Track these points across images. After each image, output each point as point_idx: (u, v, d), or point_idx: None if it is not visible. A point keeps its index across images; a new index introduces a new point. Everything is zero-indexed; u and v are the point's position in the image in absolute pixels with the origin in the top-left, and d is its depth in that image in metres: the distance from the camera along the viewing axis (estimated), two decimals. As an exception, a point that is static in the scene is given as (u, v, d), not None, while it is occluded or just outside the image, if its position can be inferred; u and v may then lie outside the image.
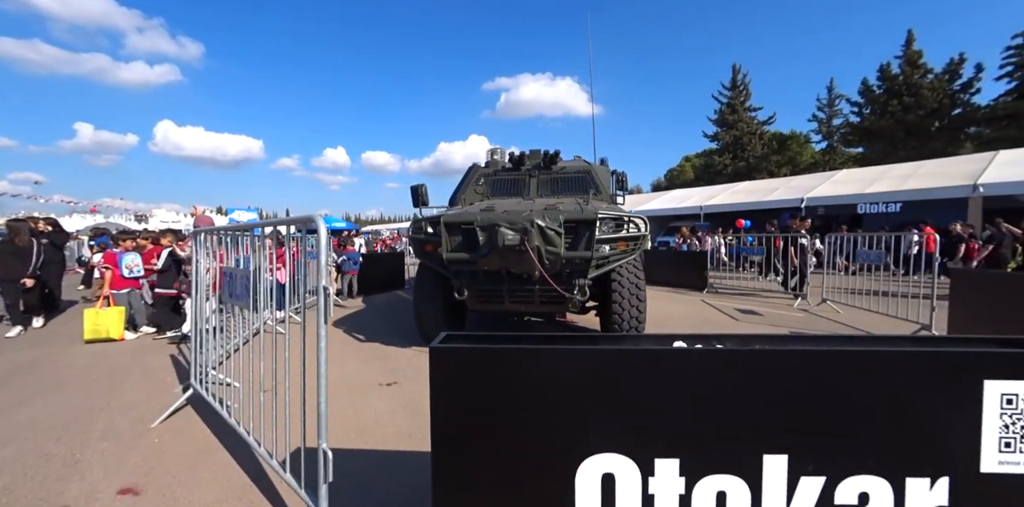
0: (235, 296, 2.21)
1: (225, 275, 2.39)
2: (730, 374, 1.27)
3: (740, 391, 1.26)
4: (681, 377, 1.28)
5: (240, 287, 2.11)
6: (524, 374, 1.33)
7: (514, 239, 3.37)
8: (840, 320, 5.89)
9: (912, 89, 24.53)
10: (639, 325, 4.17)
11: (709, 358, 1.30)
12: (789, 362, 1.27)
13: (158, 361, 4.28)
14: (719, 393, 1.27)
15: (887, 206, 14.94)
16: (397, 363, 4.14)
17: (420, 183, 5.77)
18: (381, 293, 9.27)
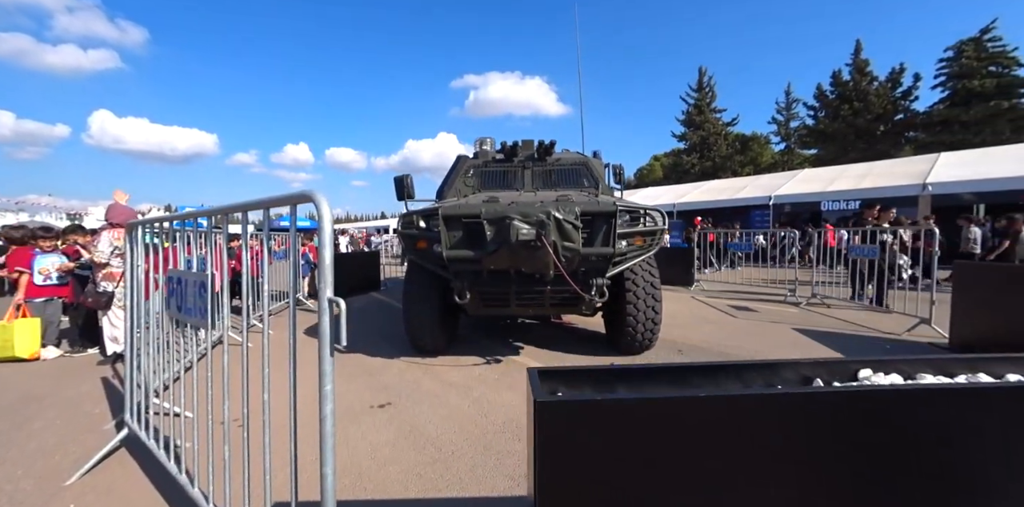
0: (186, 310, 1.63)
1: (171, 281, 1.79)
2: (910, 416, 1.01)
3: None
4: (843, 423, 1.01)
5: (193, 297, 1.54)
6: (654, 426, 0.95)
7: (529, 233, 2.93)
8: (836, 316, 5.89)
9: (861, 95, 26.24)
10: (653, 334, 3.86)
11: (888, 398, 1.00)
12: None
13: (85, 387, 3.49)
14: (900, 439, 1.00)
15: (847, 203, 15.78)
16: (387, 378, 3.59)
17: (404, 174, 5.20)
18: (356, 295, 8.53)
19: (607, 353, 4.22)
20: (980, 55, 23.44)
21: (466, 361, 4.03)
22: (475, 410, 2.91)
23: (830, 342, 4.52)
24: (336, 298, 1.01)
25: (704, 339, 4.74)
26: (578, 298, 3.52)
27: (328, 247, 0.99)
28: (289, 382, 1.41)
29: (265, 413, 1.45)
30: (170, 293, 1.75)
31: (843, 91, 27.03)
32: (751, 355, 4.10)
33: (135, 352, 2.32)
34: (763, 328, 5.25)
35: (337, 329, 1.08)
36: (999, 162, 14.11)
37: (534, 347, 4.51)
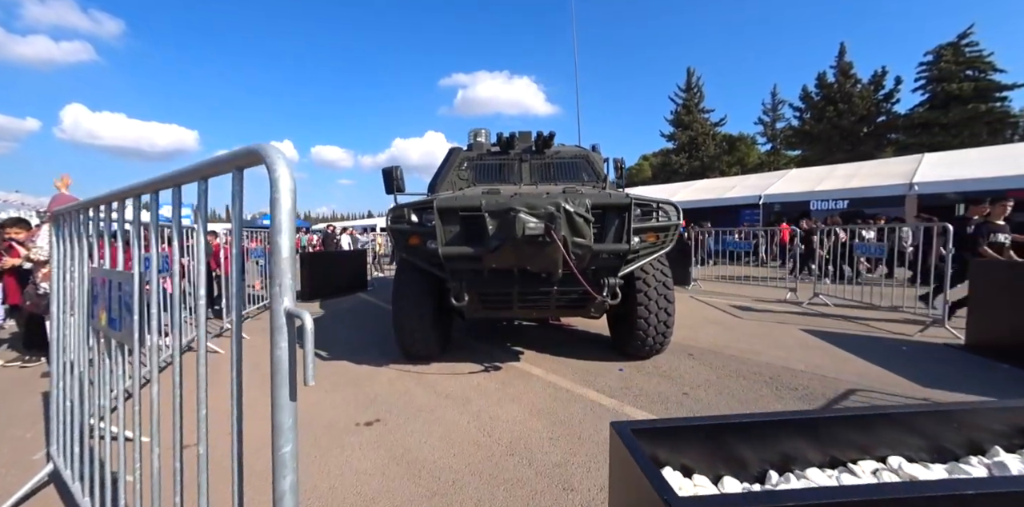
0: (114, 324, 1.25)
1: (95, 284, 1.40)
2: None
3: None
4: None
5: (118, 304, 1.17)
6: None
7: (537, 227, 2.60)
8: (845, 316, 5.73)
9: (845, 97, 26.70)
10: (665, 338, 3.58)
11: None
12: None
13: (25, 405, 3.03)
14: None
15: (836, 203, 15.90)
16: (375, 389, 3.22)
17: (394, 165, 4.83)
18: (341, 296, 8.09)
19: (612, 357, 3.93)
20: (958, 59, 24.06)
21: (462, 369, 3.69)
22: (476, 427, 2.58)
23: (843, 344, 4.32)
24: (299, 311, 0.65)
25: (712, 341, 4.49)
26: (587, 299, 3.22)
27: (286, 233, 0.64)
28: (231, 413, 1.06)
29: (235, 445, 1.08)
30: (94, 299, 1.36)
31: (828, 93, 27.47)
32: (765, 359, 3.86)
33: (63, 367, 1.92)
34: (770, 329, 5.04)
35: (302, 359, 0.70)
36: (979, 163, 14.41)
37: (534, 351, 4.19)
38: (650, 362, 3.81)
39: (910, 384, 3.18)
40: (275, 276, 0.62)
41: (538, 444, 2.36)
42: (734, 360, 3.85)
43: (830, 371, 3.52)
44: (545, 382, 3.33)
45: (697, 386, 3.22)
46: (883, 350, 4.13)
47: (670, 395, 3.05)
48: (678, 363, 3.77)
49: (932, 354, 3.98)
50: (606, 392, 3.11)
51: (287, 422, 0.72)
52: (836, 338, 4.58)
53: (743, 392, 3.09)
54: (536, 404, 2.92)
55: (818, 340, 4.52)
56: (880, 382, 3.23)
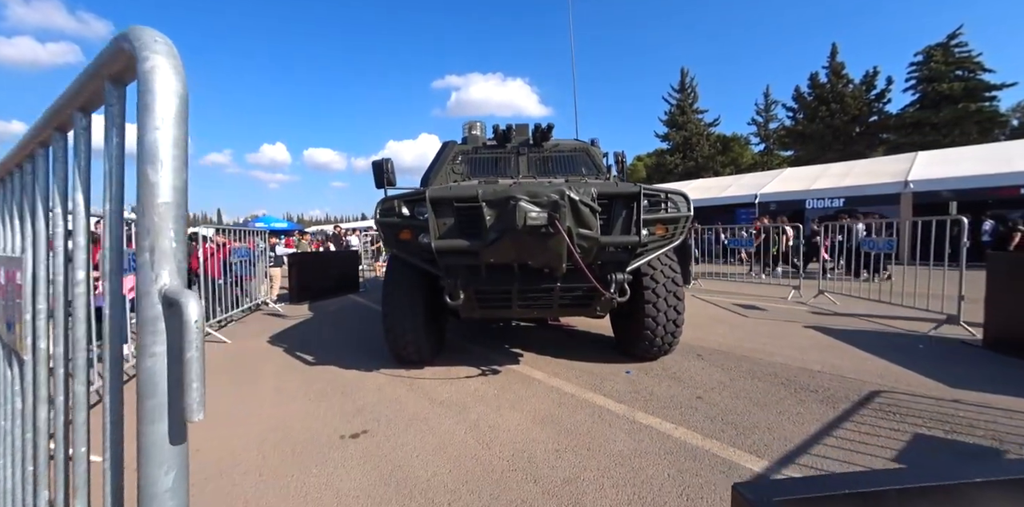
0: (10, 326, 0.98)
1: None
2: None
3: None
4: None
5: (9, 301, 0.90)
6: None
7: (539, 217, 2.37)
8: (853, 314, 5.56)
9: (837, 97, 26.86)
10: (675, 338, 3.36)
11: None
12: None
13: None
14: None
15: (831, 201, 15.87)
16: (364, 397, 2.96)
17: (384, 158, 4.57)
18: (332, 298, 7.79)
19: (617, 358, 3.71)
20: (948, 59, 24.31)
21: (458, 373, 3.44)
22: (474, 438, 2.33)
23: (857, 343, 4.14)
24: (182, 292, 0.36)
25: (721, 341, 4.28)
26: (592, 297, 2.99)
27: (167, 161, 0.39)
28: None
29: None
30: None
31: (820, 93, 27.61)
32: (779, 359, 3.66)
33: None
34: (779, 328, 4.85)
35: (192, 374, 0.37)
36: (972, 161, 14.47)
37: (533, 353, 3.95)
38: (658, 363, 3.59)
39: (936, 384, 2.99)
40: (143, 236, 0.38)
41: (543, 457, 2.12)
42: (746, 361, 3.64)
43: (849, 371, 3.32)
44: (547, 386, 3.10)
45: (711, 389, 3.00)
46: (900, 349, 3.95)
47: (683, 399, 2.82)
48: (687, 364, 3.55)
49: (951, 352, 3.80)
50: (614, 397, 2.88)
51: (164, 484, 0.37)
52: (849, 336, 4.39)
53: (760, 395, 2.87)
54: (539, 411, 2.68)
55: (831, 339, 4.33)
56: (904, 383, 3.03)
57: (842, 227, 7.08)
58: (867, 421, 2.43)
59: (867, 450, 2.11)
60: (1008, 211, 13.75)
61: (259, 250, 6.69)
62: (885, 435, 2.26)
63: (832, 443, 2.19)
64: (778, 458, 2.06)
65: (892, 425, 2.37)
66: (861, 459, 2.03)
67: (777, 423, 2.44)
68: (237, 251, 5.57)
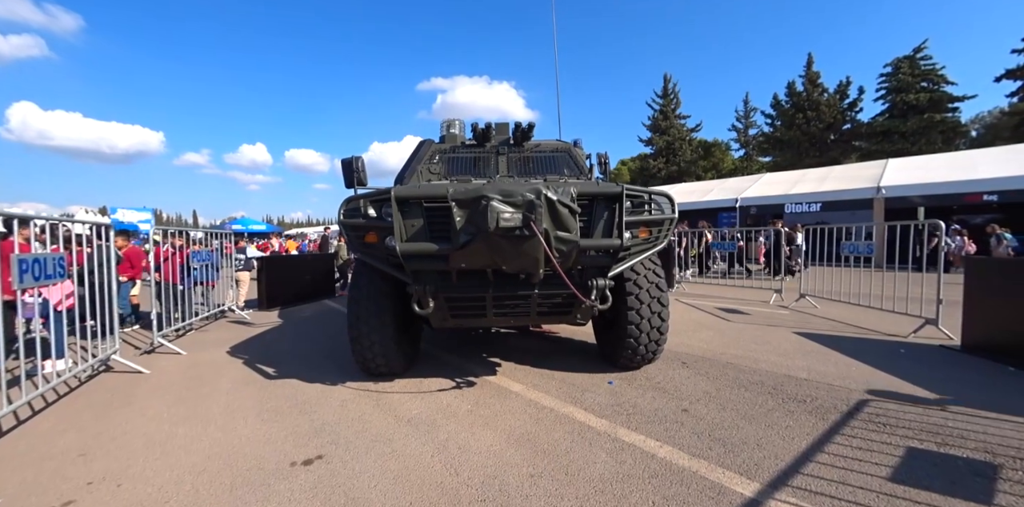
0: None
1: None
2: None
3: None
4: None
5: None
6: None
7: (513, 218, 2.18)
8: (834, 317, 5.54)
9: (813, 105, 27.71)
10: (659, 346, 3.22)
11: None
12: None
13: None
14: None
15: (809, 205, 16.25)
16: (324, 415, 2.69)
17: (354, 155, 4.32)
18: (304, 303, 7.42)
19: (600, 367, 3.54)
20: (914, 71, 25.38)
21: (430, 386, 3.20)
22: (441, 462, 2.11)
23: (840, 347, 4.08)
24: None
25: (706, 348, 4.16)
26: (572, 304, 2.81)
27: None
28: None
29: None
30: None
31: (797, 101, 28.44)
32: (764, 366, 3.55)
33: None
34: (763, 333, 4.77)
35: None
36: (940, 168, 15.02)
37: (513, 363, 3.74)
38: (642, 373, 3.43)
39: (923, 391, 2.91)
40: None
41: (517, 484, 1.91)
42: (732, 368, 3.52)
43: (835, 379, 3.22)
44: (525, 400, 2.89)
45: (696, 400, 2.85)
46: (882, 353, 3.90)
47: (668, 412, 2.66)
48: (672, 373, 3.40)
49: (932, 356, 3.77)
50: (595, 411, 2.70)
51: None
52: (832, 341, 4.34)
53: (747, 406, 2.73)
54: (515, 429, 2.47)
55: (814, 344, 4.27)
56: (891, 390, 2.95)
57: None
58: (858, 434, 2.31)
59: (862, 468, 1.98)
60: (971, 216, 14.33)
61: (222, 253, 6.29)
62: (878, 450, 2.14)
63: (825, 460, 2.05)
64: (770, 479, 1.91)
65: (884, 438, 2.26)
66: (857, 479, 1.89)
67: (766, 438, 2.30)
68: (197, 255, 5.20)
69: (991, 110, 30.05)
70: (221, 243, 6.15)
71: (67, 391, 3.15)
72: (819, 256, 6.42)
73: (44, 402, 2.90)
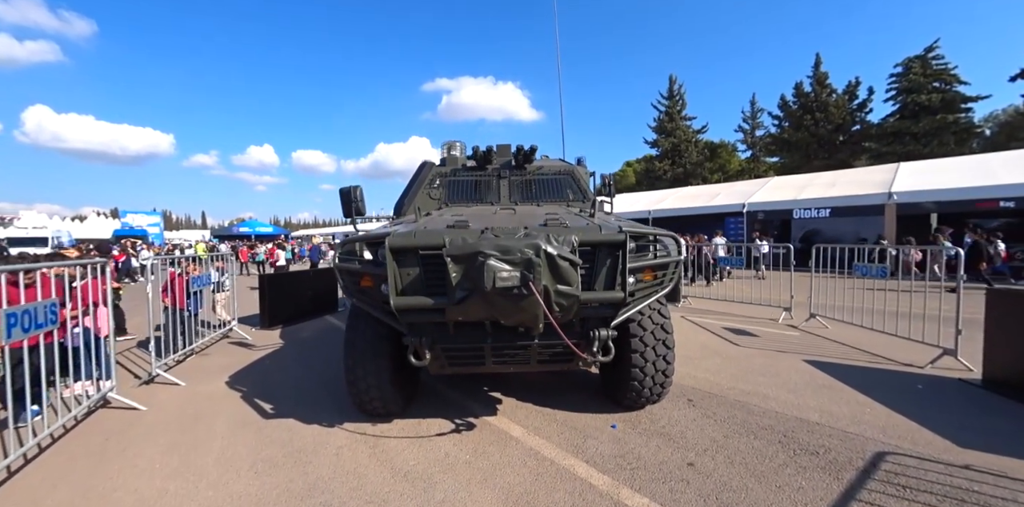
0: None
1: None
2: None
3: None
4: None
5: None
6: None
7: (511, 278, 2.09)
8: (846, 341, 5.38)
9: (821, 106, 27.29)
10: (664, 388, 3.11)
11: None
12: None
13: None
14: None
15: (818, 211, 15.97)
16: (318, 468, 2.61)
17: (353, 185, 4.25)
18: (306, 320, 7.39)
19: (603, 405, 3.43)
20: (926, 71, 24.88)
21: (428, 428, 3.13)
22: (436, 533, 2.02)
23: (854, 381, 3.93)
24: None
25: (713, 380, 4.04)
26: (573, 353, 2.71)
27: None
28: None
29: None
30: None
31: (805, 102, 28.03)
32: (774, 405, 3.43)
33: None
34: (773, 361, 4.63)
35: None
36: (954, 172, 14.68)
37: (514, 399, 3.66)
38: (646, 413, 3.32)
39: (943, 442, 2.78)
40: None
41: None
42: (740, 408, 3.40)
43: (849, 423, 3.10)
44: (525, 449, 2.80)
45: (703, 451, 2.74)
46: (898, 388, 3.76)
47: (673, 467, 2.56)
48: (678, 415, 3.29)
49: (952, 394, 3.62)
50: (597, 464, 2.60)
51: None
52: (844, 372, 4.19)
53: (757, 460, 2.62)
54: (513, 487, 2.38)
55: (826, 376, 4.13)
56: (910, 440, 2.82)
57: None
58: (876, 500, 2.19)
59: (880, 547, 1.86)
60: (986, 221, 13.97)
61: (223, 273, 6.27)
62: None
63: (841, 536, 1.94)
64: (782, 562, 1.80)
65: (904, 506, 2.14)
66: (875, 563, 1.78)
67: (777, 503, 2.19)
68: (197, 279, 5.17)
69: (1005, 108, 29.35)
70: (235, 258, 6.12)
71: (62, 433, 3.11)
72: (828, 266, 6.22)
73: (38, 448, 2.86)
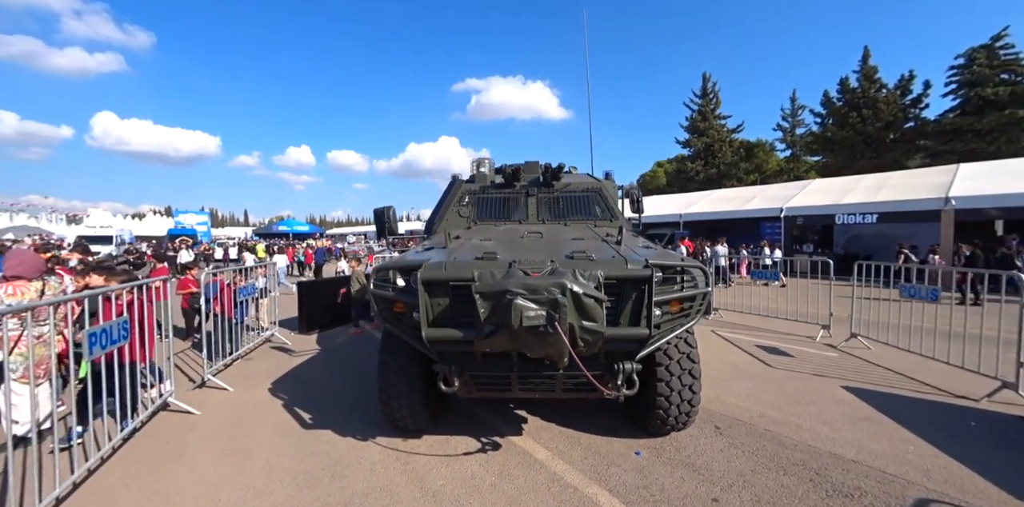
0: None
1: None
2: None
3: None
4: None
5: None
6: None
7: (537, 317, 2.16)
8: (890, 365, 5.10)
9: (869, 102, 25.61)
10: (689, 418, 3.10)
11: None
12: None
13: None
14: None
15: (863, 217, 15.05)
16: (353, 483, 2.78)
17: (386, 206, 4.45)
18: (340, 326, 7.75)
19: (628, 430, 3.44)
20: (992, 63, 22.83)
21: (456, 445, 3.25)
22: (463, 558, 2.13)
23: (897, 414, 3.74)
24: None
25: (743, 406, 3.95)
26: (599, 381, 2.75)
27: None
28: None
29: None
30: None
31: (851, 98, 26.40)
32: (807, 437, 3.32)
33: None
34: (808, 386, 4.47)
35: None
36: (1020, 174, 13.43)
37: (539, 419, 3.72)
38: (671, 440, 3.31)
39: (997, 492, 2.61)
40: None
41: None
42: (770, 439, 3.32)
43: (890, 462, 2.96)
44: (549, 474, 2.87)
45: (728, 486, 2.71)
46: (947, 424, 3.54)
47: (697, 502, 2.55)
48: (704, 443, 3.25)
49: (1010, 434, 3.37)
50: (620, 494, 2.63)
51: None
52: (887, 403, 3.99)
53: (785, 499, 2.57)
54: (537, 514, 2.46)
55: (866, 406, 3.94)
56: (958, 487, 2.67)
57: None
58: (914, 553, 2.11)
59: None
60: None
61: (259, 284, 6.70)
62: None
63: (873, 591, 1.89)
64: None
65: (945, 562, 2.05)
66: None
67: (807, 550, 2.15)
68: (243, 290, 5.55)
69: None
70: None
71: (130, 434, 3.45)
72: (872, 277, 5.88)
73: (112, 449, 3.20)
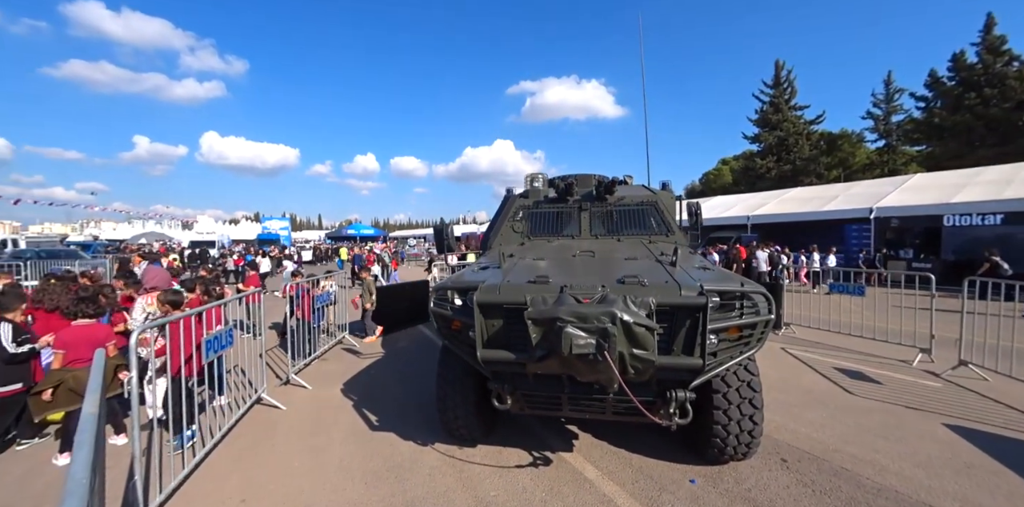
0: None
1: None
2: None
3: None
4: None
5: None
6: None
7: (587, 346, 2.23)
8: (1012, 402, 4.37)
9: (994, 79, 21.69)
10: (750, 448, 2.95)
11: None
12: None
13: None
14: None
15: (983, 218, 12.81)
16: (414, 487, 3.04)
17: (445, 223, 4.74)
18: (402, 330, 8.32)
19: (682, 455, 3.34)
20: None
21: (509, 457, 3.40)
22: (514, 570, 2.25)
23: (1015, 460, 3.21)
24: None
25: (816, 438, 3.64)
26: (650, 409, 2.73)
27: None
28: None
29: None
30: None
31: (968, 76, 22.56)
32: (895, 482, 2.98)
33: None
34: (898, 420, 3.98)
35: None
36: None
37: (590, 436, 3.75)
38: (731, 469, 3.16)
39: None
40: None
41: None
42: (846, 479, 3.03)
43: (1000, 522, 2.58)
44: (599, 495, 2.90)
45: (796, 528, 2.55)
46: (1084, 481, 2.98)
47: (759, 541, 2.43)
48: (768, 477, 3.06)
49: None
50: (673, 524, 2.59)
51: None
52: (1003, 448, 3.43)
53: (864, 550, 2.36)
54: (587, 535, 2.51)
55: (976, 450, 3.43)
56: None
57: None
58: None
59: None
60: None
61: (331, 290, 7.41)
62: None
63: None
64: None
65: None
66: None
67: None
68: (320, 298, 6.21)
69: None
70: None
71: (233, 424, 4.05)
72: (989, 292, 5.07)
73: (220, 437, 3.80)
